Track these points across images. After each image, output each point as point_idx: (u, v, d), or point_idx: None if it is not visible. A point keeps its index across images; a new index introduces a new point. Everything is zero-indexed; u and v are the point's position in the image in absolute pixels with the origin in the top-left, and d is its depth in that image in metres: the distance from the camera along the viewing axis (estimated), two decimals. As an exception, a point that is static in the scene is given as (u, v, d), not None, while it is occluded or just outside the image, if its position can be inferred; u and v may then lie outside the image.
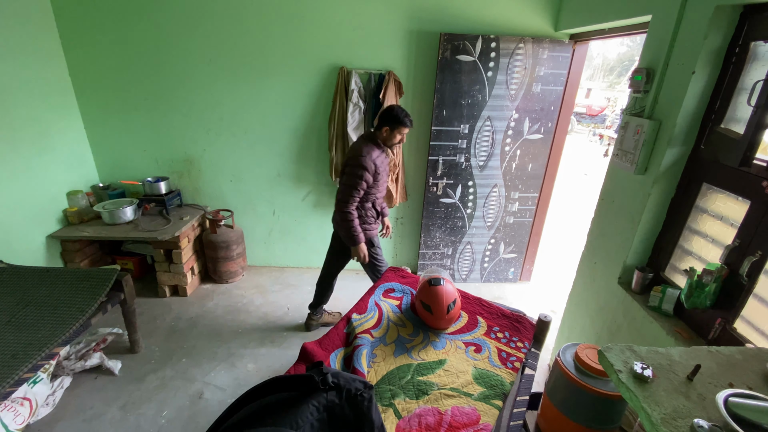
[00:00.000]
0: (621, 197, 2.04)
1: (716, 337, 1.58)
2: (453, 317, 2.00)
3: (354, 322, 1.98)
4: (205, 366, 2.51)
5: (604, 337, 2.11)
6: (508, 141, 3.14)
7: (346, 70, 2.99)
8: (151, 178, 3.25)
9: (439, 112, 3.00)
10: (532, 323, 2.03)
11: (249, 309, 3.12)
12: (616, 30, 2.47)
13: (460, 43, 2.81)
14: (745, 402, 0.95)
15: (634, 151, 1.86)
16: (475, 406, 1.55)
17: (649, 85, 1.84)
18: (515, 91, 2.99)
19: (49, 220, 2.87)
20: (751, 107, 1.46)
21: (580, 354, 1.61)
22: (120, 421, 2.11)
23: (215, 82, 3.05)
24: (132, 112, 3.13)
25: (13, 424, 1.87)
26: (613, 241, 2.08)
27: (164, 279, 3.16)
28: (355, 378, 1.08)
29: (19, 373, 1.67)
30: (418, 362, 1.79)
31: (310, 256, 3.72)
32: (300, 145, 3.29)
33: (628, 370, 1.11)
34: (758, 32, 1.48)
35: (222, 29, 2.90)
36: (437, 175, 3.20)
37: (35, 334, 1.87)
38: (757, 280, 1.45)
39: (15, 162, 2.58)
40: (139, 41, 2.92)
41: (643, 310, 1.82)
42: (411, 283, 2.40)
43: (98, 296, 2.12)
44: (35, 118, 2.71)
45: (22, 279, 2.23)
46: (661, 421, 0.95)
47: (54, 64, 2.87)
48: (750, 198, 1.49)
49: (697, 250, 1.75)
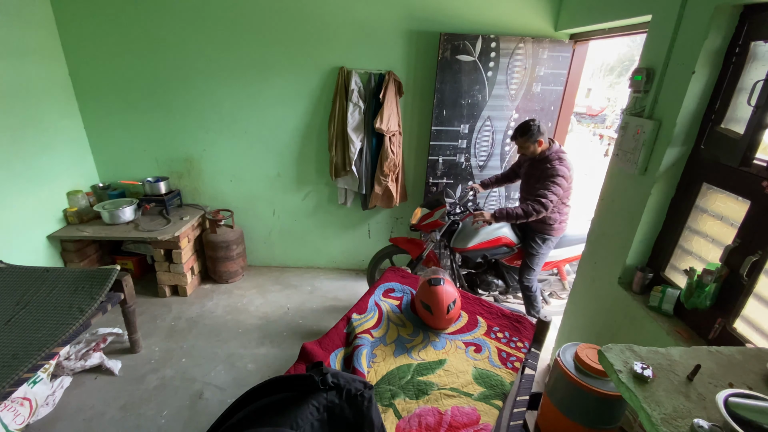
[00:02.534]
0: (621, 197, 2.04)
1: (716, 337, 1.58)
2: (453, 317, 2.00)
3: (354, 322, 1.98)
4: (205, 366, 2.51)
5: (604, 337, 2.11)
6: (508, 141, 3.14)
7: (346, 70, 2.99)
8: (151, 178, 3.25)
9: (439, 112, 3.00)
10: (532, 323, 2.03)
11: (249, 309, 3.12)
12: (616, 30, 2.46)
13: (460, 43, 2.81)
14: (745, 402, 0.95)
15: (634, 152, 1.85)
16: (475, 406, 1.55)
17: (649, 85, 1.84)
18: (515, 91, 2.99)
19: (49, 220, 2.87)
20: (751, 107, 1.46)
21: (580, 354, 1.61)
22: (120, 421, 2.11)
23: (215, 81, 3.05)
24: (132, 112, 3.13)
25: (13, 424, 1.87)
26: (613, 241, 2.08)
27: (164, 279, 3.16)
28: (355, 378, 1.08)
29: (19, 373, 1.67)
30: (418, 362, 1.79)
31: (310, 256, 3.73)
32: (300, 145, 3.29)
33: (628, 370, 1.11)
34: (758, 32, 1.48)
35: (222, 29, 2.90)
36: (437, 175, 3.20)
37: (35, 334, 1.87)
38: (757, 280, 1.45)
39: (15, 162, 2.58)
40: (139, 41, 2.92)
41: (643, 310, 1.82)
42: (411, 283, 2.40)
43: (98, 296, 2.12)
44: (35, 118, 2.71)
45: (22, 279, 2.23)
46: (661, 421, 0.95)
47: (54, 64, 2.87)
48: (750, 198, 1.49)
49: (697, 250, 1.74)
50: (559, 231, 2.59)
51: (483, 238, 2.68)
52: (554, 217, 2.53)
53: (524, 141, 2.41)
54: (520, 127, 2.42)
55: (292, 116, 3.19)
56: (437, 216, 2.67)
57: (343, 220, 3.56)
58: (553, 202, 2.34)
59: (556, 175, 2.35)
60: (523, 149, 2.47)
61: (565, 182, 2.37)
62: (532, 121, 2.40)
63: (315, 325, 2.97)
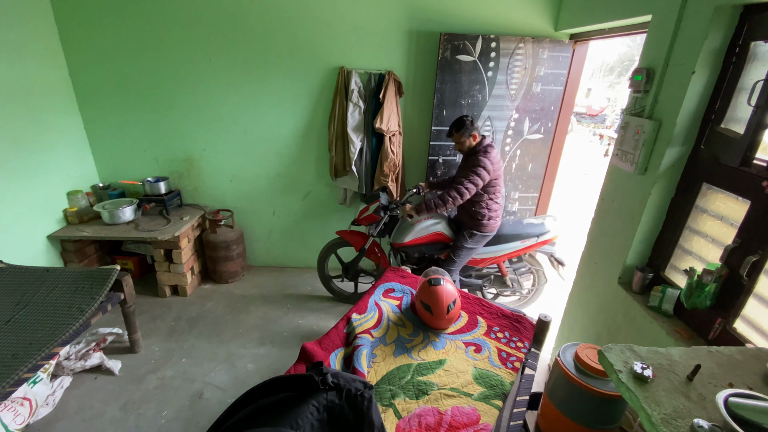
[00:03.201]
0: (621, 197, 2.04)
1: (716, 337, 1.58)
2: (453, 317, 2.00)
3: (354, 322, 1.98)
4: (205, 366, 2.51)
5: (604, 337, 2.11)
6: (508, 141, 3.14)
7: (346, 70, 2.99)
8: (151, 178, 3.25)
9: (439, 112, 3.00)
10: (532, 323, 2.03)
11: (249, 309, 3.12)
12: (616, 30, 2.46)
13: (460, 43, 2.81)
14: (745, 402, 0.95)
15: (634, 151, 1.85)
16: (475, 406, 1.55)
17: (649, 85, 1.84)
18: (515, 91, 2.99)
19: (49, 220, 2.87)
20: (751, 107, 1.46)
21: (580, 354, 1.61)
22: (120, 421, 2.11)
23: (215, 81, 3.06)
24: (132, 112, 3.13)
25: (13, 424, 1.87)
26: (613, 241, 2.08)
27: (164, 279, 3.16)
28: (355, 378, 1.08)
29: (19, 373, 1.67)
30: (418, 362, 1.79)
31: (310, 256, 3.72)
32: (300, 145, 3.29)
33: (628, 370, 1.11)
34: (758, 32, 1.48)
35: (222, 29, 2.90)
36: (437, 175, 3.20)
37: (35, 334, 1.87)
38: (757, 280, 1.45)
39: (15, 162, 2.58)
40: (139, 41, 2.92)
41: (643, 310, 1.82)
42: (411, 283, 2.40)
43: (98, 296, 2.12)
44: (35, 118, 2.71)
45: (22, 279, 2.23)
46: (661, 421, 0.95)
47: (54, 64, 2.87)
48: (750, 198, 1.49)
49: (697, 250, 1.74)
50: (487, 227, 2.64)
51: (418, 233, 2.77)
52: (482, 213, 2.60)
53: (460, 136, 2.52)
54: (454, 123, 2.54)
55: (292, 116, 3.19)
56: (372, 210, 2.77)
57: (343, 220, 3.55)
58: (470, 190, 2.46)
59: (477, 165, 2.45)
60: (459, 144, 2.57)
61: (485, 173, 2.45)
62: (465, 117, 2.52)
63: (315, 325, 2.97)
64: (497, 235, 2.76)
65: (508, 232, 2.79)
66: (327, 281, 3.22)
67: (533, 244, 2.81)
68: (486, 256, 2.86)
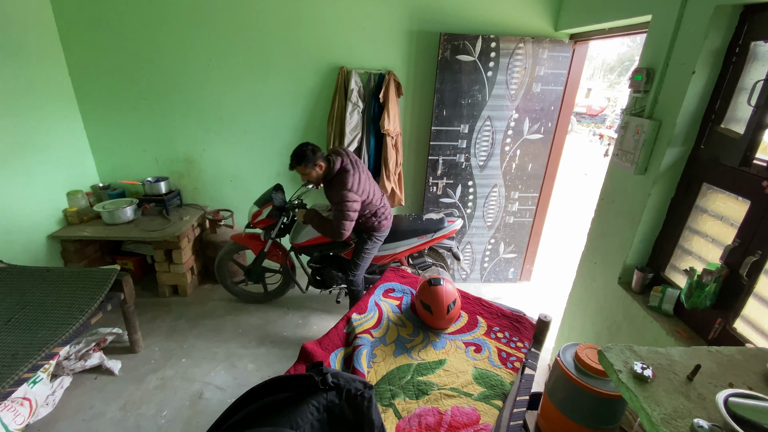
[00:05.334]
0: (621, 197, 2.04)
1: (716, 337, 1.58)
2: (453, 317, 2.00)
3: (354, 322, 1.98)
4: (205, 366, 2.51)
5: (604, 337, 2.11)
6: (508, 141, 3.14)
7: (346, 70, 2.99)
8: (151, 178, 3.25)
9: (439, 112, 3.00)
10: (532, 323, 2.03)
11: (249, 309, 3.12)
12: (616, 30, 2.46)
13: (460, 43, 2.81)
14: (745, 402, 0.95)
15: (634, 151, 1.86)
16: (475, 406, 1.55)
17: (649, 85, 1.84)
18: (515, 91, 2.99)
19: (49, 220, 2.87)
20: (751, 107, 1.46)
21: (580, 354, 1.61)
22: (120, 421, 2.11)
23: (215, 81, 3.05)
24: (132, 112, 3.13)
25: (13, 424, 1.87)
26: (613, 241, 2.08)
27: (164, 279, 3.16)
28: (355, 378, 1.08)
29: (19, 373, 1.67)
30: (418, 362, 1.79)
31: (310, 256, 3.72)
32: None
33: (628, 370, 1.11)
34: (758, 32, 1.48)
35: (221, 29, 2.90)
36: (437, 175, 3.20)
37: (35, 334, 1.87)
38: (757, 280, 1.45)
39: (15, 162, 2.58)
40: (139, 41, 2.92)
41: (643, 310, 1.82)
42: (411, 283, 2.40)
43: (98, 296, 2.12)
44: (35, 118, 2.71)
45: (22, 279, 2.23)
46: (661, 421, 0.95)
47: (54, 64, 2.86)
48: (750, 198, 1.49)
49: (697, 250, 1.74)
50: (382, 227, 2.61)
51: (314, 233, 2.71)
52: (371, 221, 2.57)
53: (303, 168, 2.30)
54: (294, 154, 2.30)
55: (292, 116, 3.19)
56: (265, 214, 2.73)
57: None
58: (347, 227, 2.35)
59: (342, 201, 2.30)
60: (306, 176, 2.36)
61: (354, 204, 2.32)
62: (305, 146, 2.29)
63: (315, 324, 2.97)
64: (394, 232, 2.73)
65: (405, 228, 2.77)
66: (230, 287, 3.14)
67: (432, 239, 2.78)
68: (385, 253, 2.82)
